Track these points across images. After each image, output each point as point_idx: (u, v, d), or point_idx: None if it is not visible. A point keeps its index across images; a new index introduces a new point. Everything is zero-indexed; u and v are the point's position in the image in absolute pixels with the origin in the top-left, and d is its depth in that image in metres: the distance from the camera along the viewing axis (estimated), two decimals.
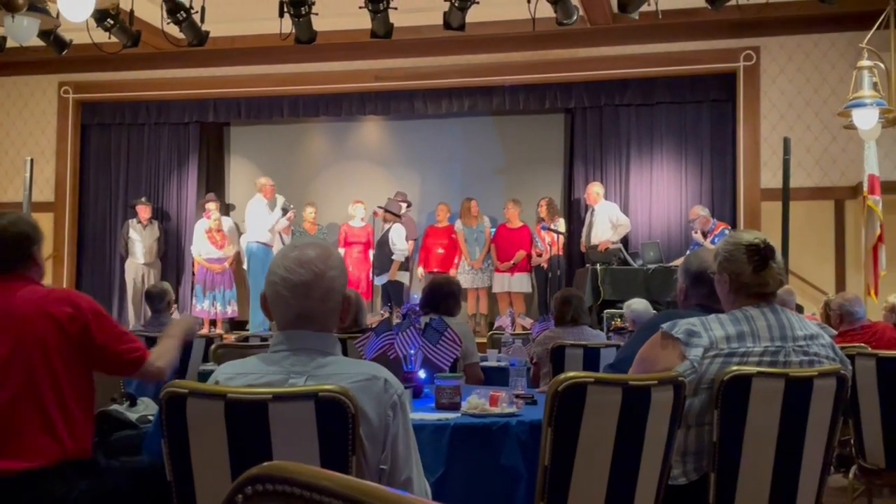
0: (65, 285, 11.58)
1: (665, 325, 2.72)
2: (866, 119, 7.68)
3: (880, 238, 8.64)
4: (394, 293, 10.64)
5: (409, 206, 11.27)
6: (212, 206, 11.35)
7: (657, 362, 2.70)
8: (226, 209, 12.03)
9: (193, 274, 11.64)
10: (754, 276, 2.70)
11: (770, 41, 10.23)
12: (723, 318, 2.70)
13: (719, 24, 9.64)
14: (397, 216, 10.81)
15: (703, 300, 3.10)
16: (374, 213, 10.88)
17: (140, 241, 11.41)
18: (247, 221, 11.10)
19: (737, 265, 2.71)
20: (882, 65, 7.97)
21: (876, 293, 8.51)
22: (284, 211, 10.95)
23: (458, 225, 11.05)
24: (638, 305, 6.49)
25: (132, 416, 3.57)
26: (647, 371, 2.70)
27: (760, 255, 2.70)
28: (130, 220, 11.56)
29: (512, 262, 10.63)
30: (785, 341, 2.67)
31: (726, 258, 2.75)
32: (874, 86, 7.65)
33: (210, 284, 11.07)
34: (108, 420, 3.46)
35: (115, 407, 3.61)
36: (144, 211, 11.51)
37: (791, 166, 8.45)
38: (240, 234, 11.54)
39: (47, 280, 11.21)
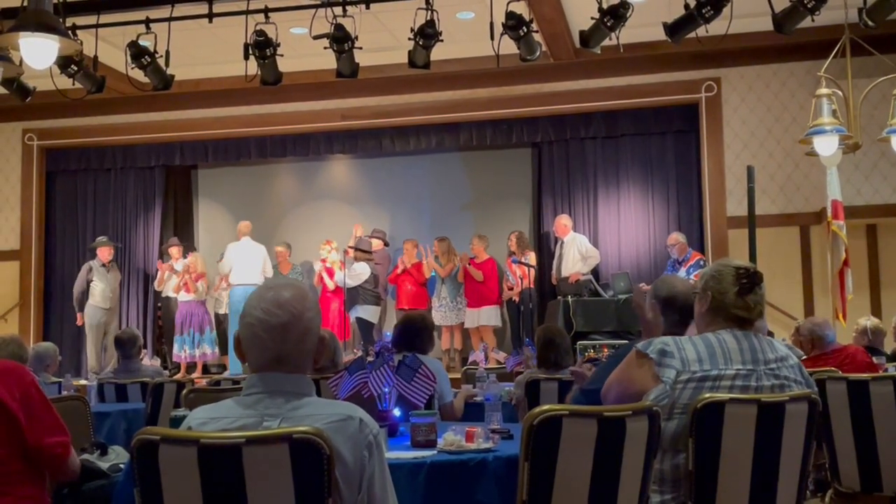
0: (31, 333, 11.42)
1: (640, 345, 2.74)
2: (827, 146, 7.79)
3: (846, 262, 8.73)
4: (363, 330, 10.61)
5: (386, 244, 11.26)
6: (174, 252, 11.23)
7: (632, 382, 2.72)
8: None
9: (159, 317, 11.47)
10: (737, 299, 2.73)
11: (730, 72, 10.40)
12: (696, 339, 2.72)
13: (680, 56, 9.78)
14: (368, 253, 10.79)
15: (672, 328, 3.10)
16: (346, 252, 10.84)
17: (102, 283, 10.88)
18: (235, 264, 10.76)
19: (723, 284, 2.74)
20: (840, 92, 8.11)
21: (844, 317, 8.59)
22: None
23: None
24: None
25: (103, 465, 3.51)
26: (624, 391, 2.71)
27: (749, 278, 2.73)
28: (92, 262, 11.03)
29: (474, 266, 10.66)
30: (756, 364, 2.68)
31: (713, 276, 2.78)
32: (833, 113, 7.76)
33: (199, 327, 10.89)
34: None
35: (85, 456, 3.54)
36: (106, 252, 10.95)
37: (756, 194, 8.54)
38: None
39: (13, 329, 11.10)
